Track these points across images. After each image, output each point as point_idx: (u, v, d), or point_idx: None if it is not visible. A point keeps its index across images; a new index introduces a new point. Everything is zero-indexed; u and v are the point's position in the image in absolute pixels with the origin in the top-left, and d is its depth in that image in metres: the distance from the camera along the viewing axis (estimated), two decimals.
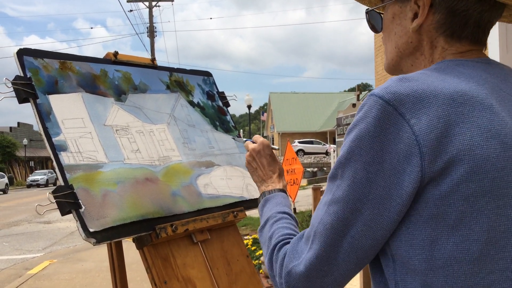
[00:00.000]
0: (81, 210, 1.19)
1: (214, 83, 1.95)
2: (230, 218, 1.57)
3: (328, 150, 26.58)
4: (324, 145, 31.88)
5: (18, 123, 44.23)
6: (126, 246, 1.60)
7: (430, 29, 0.78)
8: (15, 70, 1.31)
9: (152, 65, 1.71)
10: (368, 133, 0.66)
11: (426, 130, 0.64)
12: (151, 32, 22.37)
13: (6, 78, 1.28)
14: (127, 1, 22.34)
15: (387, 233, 0.68)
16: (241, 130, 1.91)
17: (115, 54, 1.59)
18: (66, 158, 1.25)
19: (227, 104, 1.93)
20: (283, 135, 39.18)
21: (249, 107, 22.88)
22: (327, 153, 27.69)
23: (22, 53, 1.32)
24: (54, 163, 1.24)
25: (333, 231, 0.70)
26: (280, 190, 1.06)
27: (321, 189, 5.31)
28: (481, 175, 0.62)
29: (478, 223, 0.63)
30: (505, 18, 0.83)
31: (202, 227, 1.48)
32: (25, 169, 41.73)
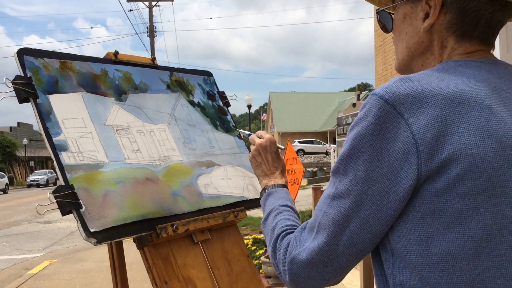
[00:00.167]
0: (82, 210, 1.19)
1: (215, 82, 1.94)
2: (230, 218, 1.57)
3: (328, 150, 26.59)
4: (324, 145, 31.88)
5: (18, 123, 44.24)
6: (126, 246, 1.59)
7: (441, 29, 0.78)
8: (15, 70, 1.31)
9: (152, 64, 1.70)
10: (369, 131, 0.69)
11: (424, 129, 0.65)
12: (151, 32, 22.37)
13: (6, 78, 1.28)
14: (127, 1, 22.32)
15: (385, 228, 0.70)
16: (241, 130, 1.91)
17: (116, 53, 1.58)
18: (66, 158, 1.25)
19: (227, 104, 1.93)
20: (283, 134, 39.18)
21: (249, 107, 22.88)
22: (327, 153, 27.69)
23: (22, 53, 1.32)
24: (55, 163, 1.24)
25: (335, 223, 0.73)
26: (282, 185, 1.10)
27: (321, 189, 5.31)
28: (477, 173, 0.63)
29: (473, 220, 0.64)
30: None
31: (202, 227, 1.48)
32: (25, 169, 41.74)
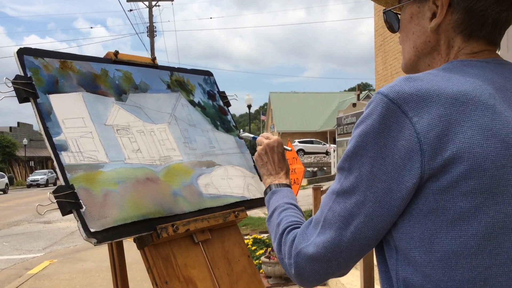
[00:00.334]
0: (82, 210, 1.18)
1: (215, 82, 1.94)
2: (231, 218, 1.57)
3: (328, 150, 26.59)
4: (324, 144, 31.88)
5: (18, 123, 44.26)
6: (126, 246, 1.59)
7: (448, 29, 0.78)
8: (15, 70, 1.31)
9: (152, 64, 1.70)
10: (373, 129, 0.70)
11: (427, 128, 0.66)
12: (151, 32, 22.36)
13: (6, 78, 1.27)
14: (127, 1, 22.32)
15: (388, 225, 0.71)
16: (241, 130, 1.91)
17: (116, 53, 1.58)
18: (66, 158, 1.25)
19: (228, 104, 1.92)
20: (283, 134, 39.18)
21: (249, 106, 22.89)
22: (327, 153, 27.69)
23: (22, 53, 1.32)
24: (55, 163, 1.23)
25: (340, 219, 0.74)
26: (287, 185, 1.12)
27: (321, 189, 5.31)
28: (480, 172, 0.64)
29: (476, 218, 0.65)
30: None
31: (203, 227, 1.47)
32: (25, 169, 41.75)
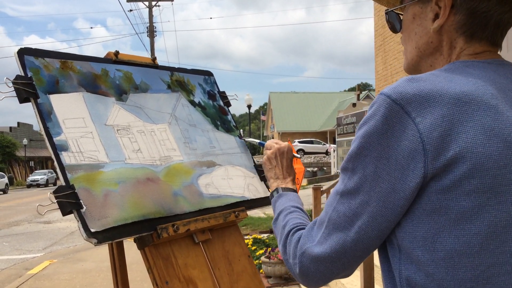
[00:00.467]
0: (82, 210, 1.18)
1: (215, 82, 1.94)
2: (231, 218, 1.57)
3: (329, 150, 26.58)
4: (324, 144, 31.88)
5: (18, 123, 44.26)
6: (126, 246, 1.59)
7: (450, 30, 0.79)
8: (15, 70, 1.31)
9: (153, 64, 1.70)
10: (376, 130, 0.70)
11: (430, 128, 0.66)
12: (151, 32, 22.36)
13: (6, 78, 1.27)
14: (127, 1, 22.31)
15: (392, 225, 0.72)
16: (241, 130, 1.91)
17: (116, 53, 1.58)
18: (67, 158, 1.25)
19: (228, 104, 1.92)
20: (283, 134, 39.18)
21: (249, 106, 22.88)
22: (327, 152, 27.69)
23: (23, 53, 1.32)
24: (55, 163, 1.23)
25: (345, 219, 0.75)
26: (293, 191, 1.14)
27: (321, 189, 5.31)
28: (482, 172, 0.64)
29: (479, 218, 0.65)
30: None
31: (203, 227, 1.47)
32: (25, 169, 41.75)
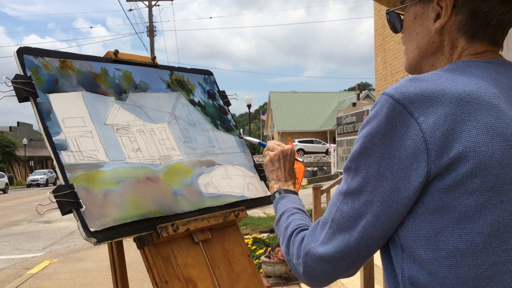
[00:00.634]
0: (82, 210, 1.18)
1: (215, 82, 1.94)
2: (231, 218, 1.57)
3: (329, 149, 26.58)
4: (324, 144, 31.89)
5: (18, 122, 44.27)
6: (126, 245, 1.59)
7: (452, 30, 0.79)
8: (15, 69, 1.30)
9: (152, 63, 1.70)
10: (379, 130, 0.70)
11: (433, 127, 0.66)
12: (151, 32, 22.35)
13: (6, 77, 1.27)
14: (127, 0, 22.30)
15: (395, 224, 0.72)
16: (241, 130, 1.90)
17: (116, 52, 1.58)
18: (66, 158, 1.25)
19: (228, 103, 1.92)
20: (283, 134, 39.19)
21: (249, 106, 22.89)
22: (327, 152, 27.69)
23: (22, 52, 1.31)
24: (55, 162, 1.23)
25: (348, 219, 0.75)
26: (295, 193, 1.14)
27: (321, 189, 5.30)
28: (485, 171, 0.65)
29: (481, 216, 0.65)
30: None
31: (203, 226, 1.47)
32: (25, 169, 41.75)
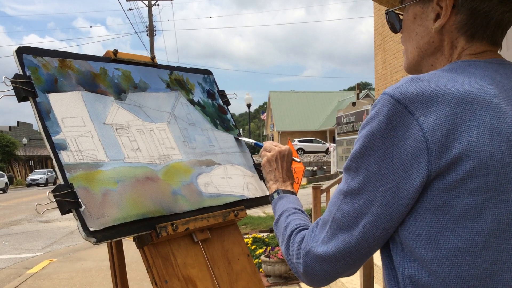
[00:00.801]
0: (81, 209, 1.18)
1: (215, 81, 1.94)
2: (230, 217, 1.57)
3: (329, 149, 26.58)
4: (323, 144, 31.89)
5: (18, 122, 44.27)
6: (125, 245, 1.59)
7: (452, 29, 0.79)
8: (14, 69, 1.31)
9: (152, 63, 1.70)
10: (380, 129, 0.70)
11: (434, 127, 0.66)
12: (150, 31, 22.34)
13: (5, 77, 1.27)
14: (126, 0, 22.29)
15: (396, 224, 0.72)
16: (241, 129, 1.90)
17: (115, 52, 1.58)
18: (66, 157, 1.25)
19: (227, 103, 1.92)
20: (283, 134, 39.19)
21: (248, 106, 22.89)
22: (327, 151, 27.69)
23: (21, 51, 1.31)
24: (54, 162, 1.23)
25: (349, 218, 0.75)
26: (293, 193, 1.14)
27: (321, 188, 5.30)
28: (485, 170, 0.65)
29: (482, 216, 0.65)
30: None
31: (202, 226, 1.47)
32: (24, 168, 41.74)
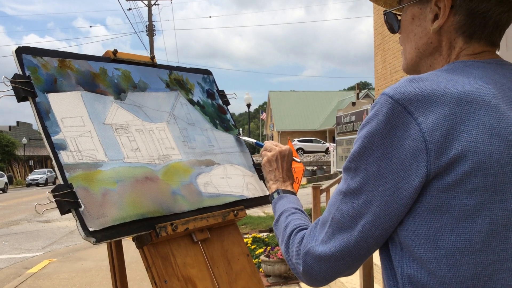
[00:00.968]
0: (81, 209, 1.18)
1: (214, 81, 1.93)
2: (230, 217, 1.57)
3: (330, 148, 26.58)
4: (323, 143, 31.89)
5: (18, 122, 44.26)
6: (125, 245, 1.59)
7: (450, 30, 0.79)
8: (14, 69, 1.30)
9: (151, 63, 1.69)
10: (379, 130, 0.71)
11: (433, 127, 0.67)
12: (150, 31, 22.32)
13: (5, 77, 1.27)
14: (126, 0, 22.28)
15: (395, 223, 0.72)
16: (240, 129, 1.90)
17: (115, 52, 1.58)
18: (65, 157, 1.25)
19: (227, 103, 1.92)
20: (283, 133, 39.18)
21: (248, 105, 22.89)
22: (326, 151, 27.69)
23: (21, 51, 1.31)
24: (54, 162, 1.23)
25: (349, 218, 0.75)
26: (293, 193, 1.14)
27: (320, 188, 5.30)
28: (484, 170, 0.65)
29: (480, 216, 0.66)
30: None
31: (202, 226, 1.47)
32: (24, 168, 41.73)
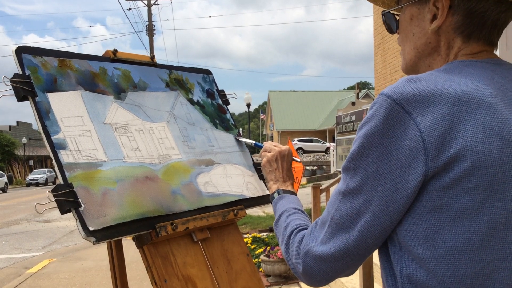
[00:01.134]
0: (81, 209, 1.18)
1: (214, 81, 1.94)
2: (230, 217, 1.57)
3: (330, 148, 26.58)
4: (323, 143, 31.90)
5: (17, 122, 44.26)
6: (125, 245, 1.59)
7: (448, 30, 0.79)
8: (14, 69, 1.30)
9: (151, 63, 1.70)
10: (377, 130, 0.71)
11: (431, 127, 0.67)
12: (150, 31, 22.32)
13: (4, 76, 1.27)
14: (126, 0, 22.28)
15: (394, 223, 0.73)
16: (240, 129, 1.90)
17: (114, 52, 1.58)
18: (65, 157, 1.25)
19: (227, 102, 1.92)
20: (283, 133, 39.19)
21: (248, 105, 22.89)
22: (326, 151, 27.70)
23: (21, 51, 1.31)
24: (54, 161, 1.23)
25: (348, 218, 0.76)
26: (294, 193, 1.15)
27: (320, 188, 5.31)
28: (482, 170, 0.65)
29: (479, 215, 0.66)
30: None
31: (202, 225, 1.47)
32: (24, 168, 41.74)
